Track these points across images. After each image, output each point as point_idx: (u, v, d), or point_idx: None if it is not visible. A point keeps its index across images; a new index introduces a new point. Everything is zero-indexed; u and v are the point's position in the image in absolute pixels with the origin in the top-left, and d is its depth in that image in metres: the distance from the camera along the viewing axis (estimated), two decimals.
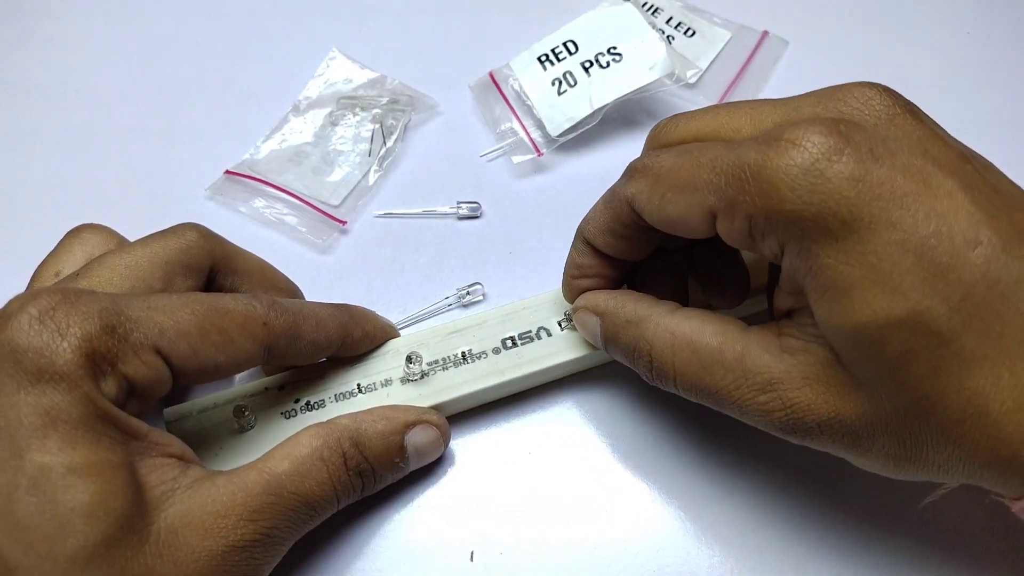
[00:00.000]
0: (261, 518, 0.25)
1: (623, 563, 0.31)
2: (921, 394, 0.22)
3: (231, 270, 0.31)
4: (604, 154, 0.42)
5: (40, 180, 0.41)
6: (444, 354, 0.33)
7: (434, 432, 0.31)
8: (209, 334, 0.26)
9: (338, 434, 0.28)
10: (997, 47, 0.46)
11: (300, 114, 0.43)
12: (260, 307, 0.28)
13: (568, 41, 0.42)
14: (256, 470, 0.26)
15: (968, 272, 0.22)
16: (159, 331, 0.25)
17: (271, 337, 0.28)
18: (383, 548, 0.31)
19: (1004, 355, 0.22)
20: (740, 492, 0.32)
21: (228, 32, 0.47)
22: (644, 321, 0.28)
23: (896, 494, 0.31)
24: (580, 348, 0.33)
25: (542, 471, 0.33)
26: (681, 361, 0.27)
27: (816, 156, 0.22)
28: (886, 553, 0.31)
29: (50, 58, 0.46)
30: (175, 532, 0.24)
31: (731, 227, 0.25)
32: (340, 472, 0.28)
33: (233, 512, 0.25)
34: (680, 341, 0.27)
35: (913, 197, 0.22)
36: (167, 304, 0.26)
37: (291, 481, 0.26)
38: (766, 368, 0.25)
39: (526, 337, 0.33)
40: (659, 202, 0.27)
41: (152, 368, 0.25)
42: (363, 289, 0.38)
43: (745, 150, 0.24)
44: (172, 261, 0.29)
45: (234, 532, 0.25)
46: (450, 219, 0.40)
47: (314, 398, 0.32)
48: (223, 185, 0.41)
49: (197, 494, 0.25)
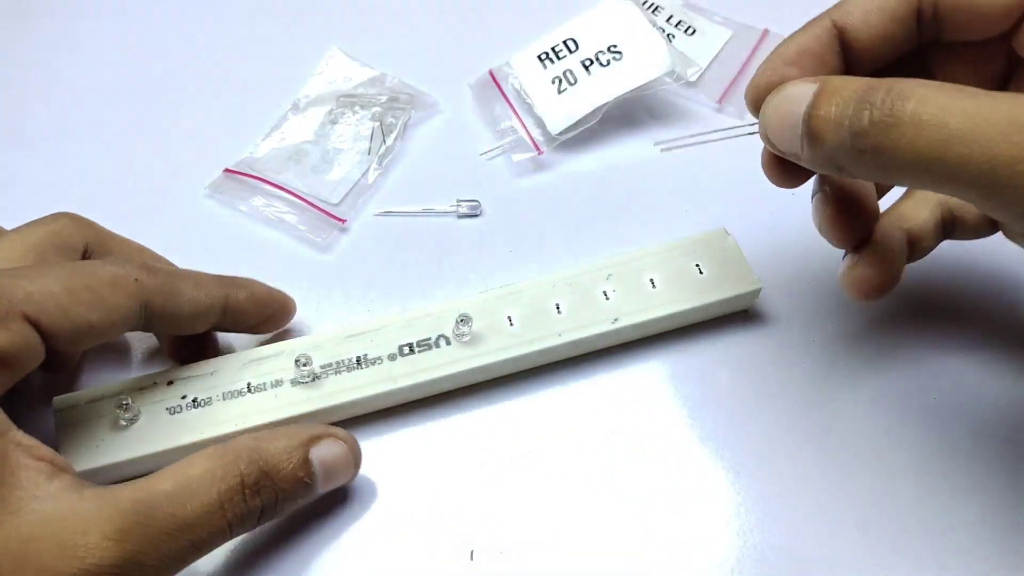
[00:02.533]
0: (127, 540, 0.22)
1: (623, 562, 0.30)
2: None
3: (106, 250, 0.31)
4: (604, 152, 0.42)
5: (40, 179, 0.41)
6: (339, 357, 0.32)
7: (341, 447, 0.29)
8: (78, 293, 0.25)
9: (235, 452, 0.26)
10: None
11: (300, 112, 0.43)
12: (131, 267, 0.28)
13: (568, 39, 0.42)
14: (132, 487, 0.24)
15: None
16: (24, 295, 0.24)
17: (145, 293, 0.27)
18: (383, 548, 0.31)
19: None
20: (741, 491, 0.32)
21: (227, 30, 0.47)
22: (879, 84, 0.22)
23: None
24: (477, 358, 0.32)
25: (542, 471, 0.33)
26: (925, 137, 0.21)
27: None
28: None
29: (50, 58, 0.46)
30: (27, 543, 0.21)
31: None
32: (234, 495, 0.25)
33: (96, 529, 0.22)
34: (933, 92, 0.21)
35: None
36: (32, 272, 0.26)
37: (170, 502, 0.24)
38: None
39: (424, 345, 0.33)
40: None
41: (18, 334, 0.24)
42: (363, 287, 0.38)
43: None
44: (43, 243, 0.29)
45: (93, 553, 0.22)
46: (450, 217, 0.40)
47: (202, 395, 0.31)
48: (222, 183, 0.41)
49: (61, 504, 0.22)
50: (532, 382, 0.34)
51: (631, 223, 0.39)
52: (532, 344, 0.33)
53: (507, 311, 0.33)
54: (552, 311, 0.34)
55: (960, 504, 0.31)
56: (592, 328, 0.33)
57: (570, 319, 0.33)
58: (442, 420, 0.34)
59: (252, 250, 0.38)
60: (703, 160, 0.40)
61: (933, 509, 0.31)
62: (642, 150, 0.42)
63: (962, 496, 0.31)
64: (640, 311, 0.34)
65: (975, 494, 0.31)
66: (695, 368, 0.35)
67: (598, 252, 0.38)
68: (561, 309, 0.34)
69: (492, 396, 0.34)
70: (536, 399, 0.34)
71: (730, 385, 0.34)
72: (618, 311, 0.34)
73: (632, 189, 0.41)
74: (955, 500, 0.31)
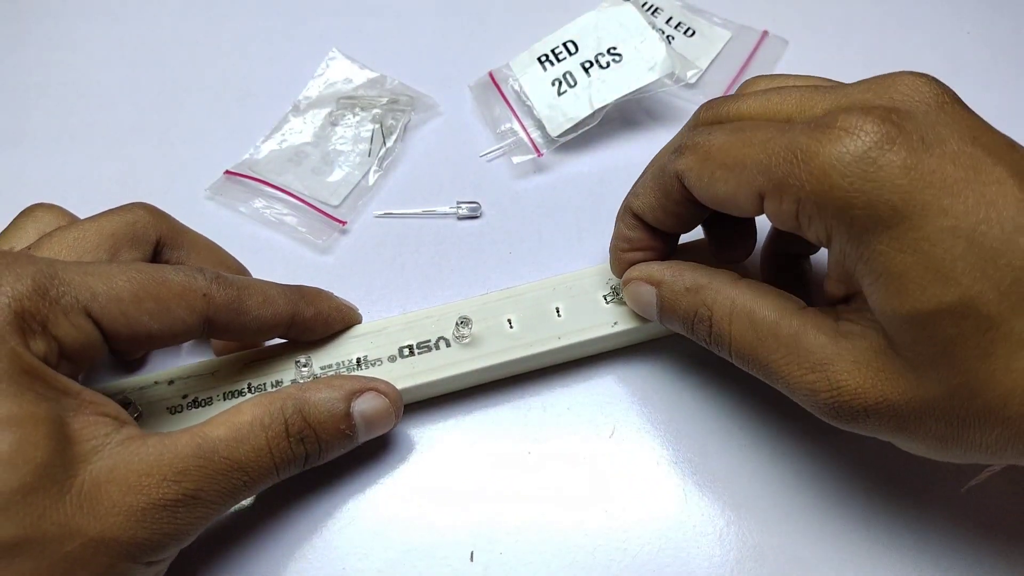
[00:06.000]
0: (186, 479, 0.25)
1: (623, 563, 0.31)
2: (970, 375, 0.23)
3: (178, 244, 0.32)
4: (604, 154, 0.42)
5: (40, 180, 0.41)
6: (339, 359, 0.32)
7: (382, 400, 0.30)
8: (143, 301, 0.26)
9: (281, 401, 0.28)
10: (997, 47, 0.46)
11: (300, 114, 0.43)
12: (202, 279, 0.28)
13: (568, 41, 0.42)
14: (190, 433, 0.26)
15: (1018, 257, 0.22)
16: (91, 295, 0.25)
17: (211, 309, 0.28)
18: (383, 548, 0.31)
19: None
20: (742, 491, 0.32)
21: (228, 32, 0.47)
22: (704, 288, 0.29)
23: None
24: (476, 361, 0.32)
25: (542, 470, 0.33)
26: (738, 330, 0.28)
27: (869, 144, 0.23)
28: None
29: (50, 58, 0.46)
30: (99, 486, 0.24)
31: (778, 209, 0.25)
32: (280, 439, 0.28)
33: (157, 471, 0.25)
34: (739, 310, 0.28)
35: (963, 184, 0.22)
36: (104, 270, 0.26)
37: (224, 446, 0.26)
38: (818, 348, 0.26)
39: (424, 347, 0.33)
40: (708, 180, 0.27)
41: (81, 331, 0.25)
42: (363, 289, 0.38)
43: (797, 134, 0.24)
44: (119, 234, 0.30)
45: (156, 490, 0.24)
46: (450, 219, 0.40)
47: (202, 395, 0.31)
48: (223, 185, 0.41)
49: (126, 451, 0.25)
50: (532, 384, 0.34)
51: None
52: (532, 347, 0.33)
53: (507, 314, 0.34)
54: (552, 314, 0.34)
55: (961, 505, 0.31)
56: (592, 332, 0.33)
57: (570, 322, 0.33)
58: (442, 422, 0.34)
59: (252, 252, 0.38)
60: None
61: (934, 509, 0.31)
62: (642, 152, 0.42)
63: (964, 497, 0.31)
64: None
65: (977, 495, 0.31)
66: (696, 371, 0.35)
67: (598, 254, 0.38)
68: (561, 312, 0.34)
69: (492, 397, 0.34)
70: (537, 401, 0.34)
71: (731, 388, 0.34)
72: (618, 315, 0.34)
73: None
74: (956, 500, 0.31)
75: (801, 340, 0.26)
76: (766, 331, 0.27)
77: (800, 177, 0.24)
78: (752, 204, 0.26)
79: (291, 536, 0.31)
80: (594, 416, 0.34)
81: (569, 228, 0.40)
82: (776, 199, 0.25)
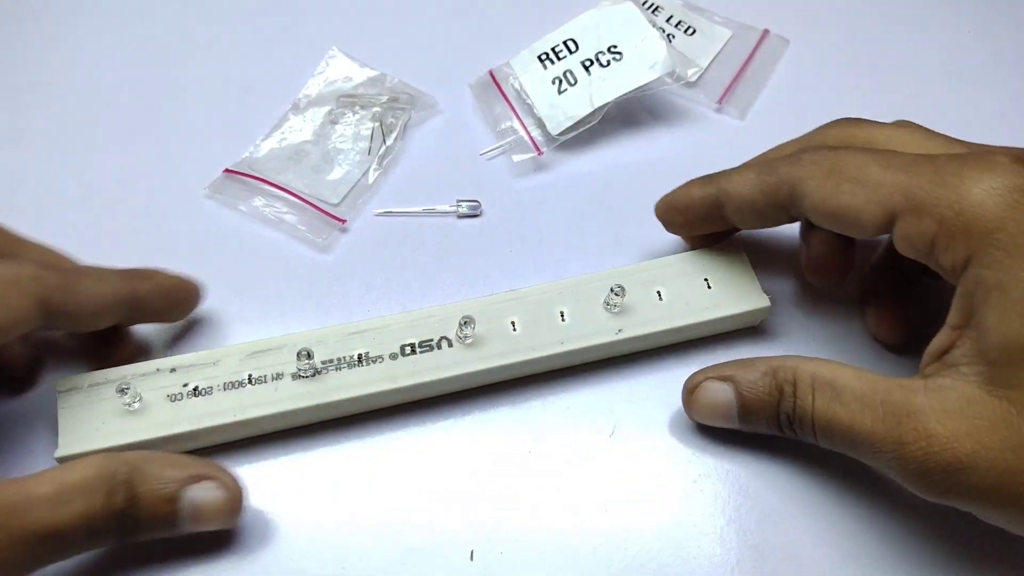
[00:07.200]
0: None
1: (623, 563, 0.31)
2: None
3: (7, 251, 0.31)
4: (604, 153, 0.42)
5: (39, 179, 0.41)
6: (341, 354, 0.32)
7: (220, 493, 0.28)
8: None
9: (115, 469, 0.26)
10: (997, 46, 0.46)
11: (300, 112, 0.43)
12: (31, 265, 0.27)
13: (568, 40, 0.42)
14: (12, 486, 0.25)
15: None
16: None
17: (44, 290, 0.27)
18: (383, 548, 0.31)
19: None
20: (742, 491, 0.32)
21: (227, 30, 0.47)
22: (780, 368, 0.29)
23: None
24: (478, 362, 0.32)
25: (542, 470, 0.33)
26: (821, 401, 0.27)
27: (1017, 179, 0.24)
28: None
29: (50, 58, 0.46)
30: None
31: (915, 229, 0.25)
32: (98, 512, 0.26)
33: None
34: (821, 381, 0.28)
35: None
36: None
37: (45, 505, 0.25)
38: (906, 401, 0.25)
39: (426, 346, 0.33)
40: (832, 190, 0.27)
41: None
42: (363, 288, 0.38)
43: (946, 161, 0.25)
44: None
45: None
46: (450, 218, 0.40)
47: (203, 384, 0.31)
48: (222, 184, 0.41)
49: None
50: (532, 383, 0.34)
51: (631, 224, 0.39)
52: (534, 350, 0.33)
53: (510, 316, 0.33)
54: (556, 318, 0.33)
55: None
56: (595, 338, 0.33)
57: (573, 327, 0.33)
58: (442, 421, 0.34)
59: (252, 250, 0.38)
60: (704, 162, 0.40)
61: (935, 511, 0.31)
62: (642, 150, 0.42)
63: None
64: (645, 323, 0.33)
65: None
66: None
67: (598, 253, 0.38)
68: (565, 317, 0.34)
69: (493, 399, 0.34)
70: (537, 403, 0.34)
71: None
72: (622, 322, 0.33)
73: (632, 189, 0.41)
74: None
75: (888, 398, 0.26)
76: (850, 396, 0.27)
77: (948, 198, 0.24)
78: (875, 222, 0.26)
79: (291, 536, 0.31)
80: (594, 416, 0.34)
81: (569, 227, 0.40)
82: (914, 219, 0.25)
